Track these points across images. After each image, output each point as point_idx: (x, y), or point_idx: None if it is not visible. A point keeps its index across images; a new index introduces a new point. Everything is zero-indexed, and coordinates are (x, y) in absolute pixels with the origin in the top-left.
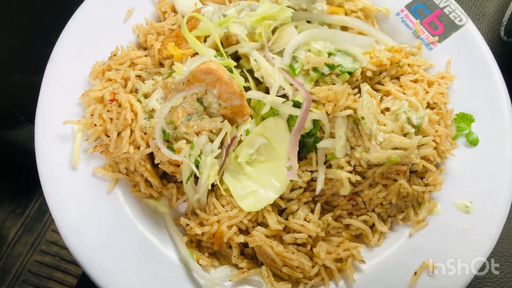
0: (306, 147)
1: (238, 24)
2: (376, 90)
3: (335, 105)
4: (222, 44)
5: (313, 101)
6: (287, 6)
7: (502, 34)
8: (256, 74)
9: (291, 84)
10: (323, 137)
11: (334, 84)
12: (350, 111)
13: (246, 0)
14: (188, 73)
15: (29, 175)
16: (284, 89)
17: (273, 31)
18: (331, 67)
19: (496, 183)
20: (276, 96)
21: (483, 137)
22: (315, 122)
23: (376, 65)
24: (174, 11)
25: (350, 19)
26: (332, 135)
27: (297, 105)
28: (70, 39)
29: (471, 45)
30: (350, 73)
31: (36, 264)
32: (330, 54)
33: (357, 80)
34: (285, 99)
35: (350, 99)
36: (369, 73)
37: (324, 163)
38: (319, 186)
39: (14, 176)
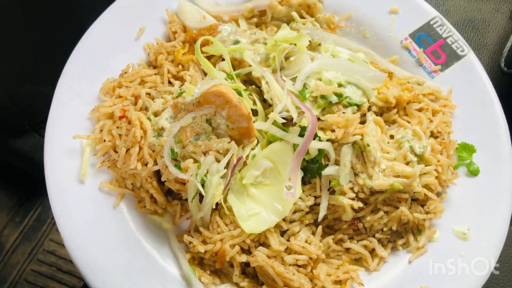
0: (309, 173)
1: (251, 52)
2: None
3: (344, 131)
4: (234, 67)
5: (321, 128)
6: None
7: (503, 65)
8: (266, 96)
9: (298, 108)
10: (328, 163)
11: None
12: (358, 137)
13: (261, 31)
14: (199, 94)
15: (30, 184)
16: (289, 112)
17: (286, 58)
18: (339, 96)
19: (493, 211)
20: (280, 117)
21: (482, 167)
22: (320, 149)
23: (382, 101)
24: (185, 30)
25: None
26: (337, 162)
27: (302, 131)
28: (83, 54)
29: (472, 75)
30: (357, 106)
31: (33, 274)
32: (340, 85)
33: (364, 114)
34: (285, 121)
35: (358, 127)
36: (374, 108)
37: (328, 189)
38: (322, 212)
39: (16, 184)
